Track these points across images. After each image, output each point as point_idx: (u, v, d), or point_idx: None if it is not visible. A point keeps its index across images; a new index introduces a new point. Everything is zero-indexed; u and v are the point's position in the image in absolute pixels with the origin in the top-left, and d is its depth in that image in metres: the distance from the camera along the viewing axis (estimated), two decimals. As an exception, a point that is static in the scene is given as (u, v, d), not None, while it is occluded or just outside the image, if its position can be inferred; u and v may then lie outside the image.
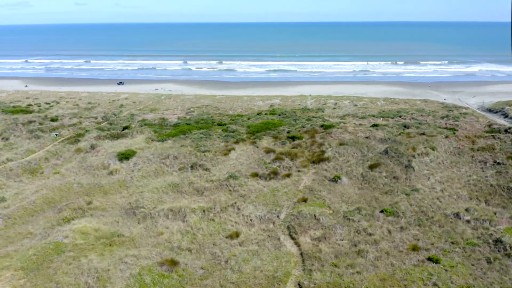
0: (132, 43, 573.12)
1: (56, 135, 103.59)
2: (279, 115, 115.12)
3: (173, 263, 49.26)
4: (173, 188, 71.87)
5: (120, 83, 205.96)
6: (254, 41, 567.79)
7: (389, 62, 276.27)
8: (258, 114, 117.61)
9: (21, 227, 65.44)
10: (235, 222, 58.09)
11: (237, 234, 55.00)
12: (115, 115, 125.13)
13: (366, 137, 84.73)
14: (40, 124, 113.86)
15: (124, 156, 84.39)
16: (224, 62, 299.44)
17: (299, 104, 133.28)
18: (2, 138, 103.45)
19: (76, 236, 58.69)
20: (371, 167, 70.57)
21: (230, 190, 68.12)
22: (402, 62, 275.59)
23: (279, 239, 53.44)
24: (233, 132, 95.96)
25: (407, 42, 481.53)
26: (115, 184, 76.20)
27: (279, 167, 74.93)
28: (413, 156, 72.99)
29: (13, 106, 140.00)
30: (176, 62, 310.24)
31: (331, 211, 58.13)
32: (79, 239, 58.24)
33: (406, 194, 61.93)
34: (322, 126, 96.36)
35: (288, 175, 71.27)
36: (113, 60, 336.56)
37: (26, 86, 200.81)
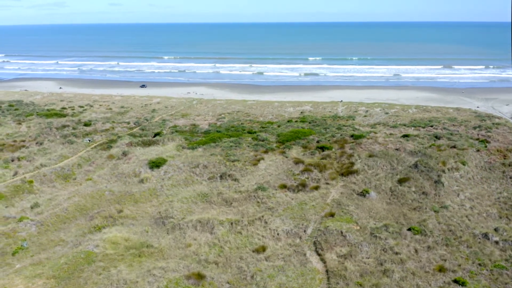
0: (164, 44, 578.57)
1: (89, 140, 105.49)
2: (310, 122, 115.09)
3: (200, 276, 49.94)
4: (202, 198, 72.65)
5: (143, 86, 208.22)
6: (286, 43, 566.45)
7: (422, 66, 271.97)
8: (288, 121, 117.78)
9: (53, 234, 67.06)
10: (262, 236, 58.54)
11: (263, 248, 55.44)
12: (147, 120, 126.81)
13: (396, 149, 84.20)
14: (74, 128, 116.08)
15: (155, 164, 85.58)
16: (255, 64, 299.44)
17: (330, 111, 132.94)
18: (37, 143, 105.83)
19: (106, 246, 59.89)
20: (400, 181, 70.20)
21: (258, 202, 68.57)
22: (435, 67, 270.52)
23: (305, 254, 53.71)
24: (263, 140, 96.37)
25: (441, 45, 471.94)
26: (145, 192, 77.36)
27: (308, 178, 75.10)
28: (443, 171, 72.26)
29: (48, 110, 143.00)
30: (207, 65, 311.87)
31: (358, 227, 58.13)
32: (109, 248, 59.42)
33: (435, 211, 61.47)
34: (352, 136, 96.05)
35: (316, 188, 71.40)
36: (145, 62, 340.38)
37: (60, 88, 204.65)
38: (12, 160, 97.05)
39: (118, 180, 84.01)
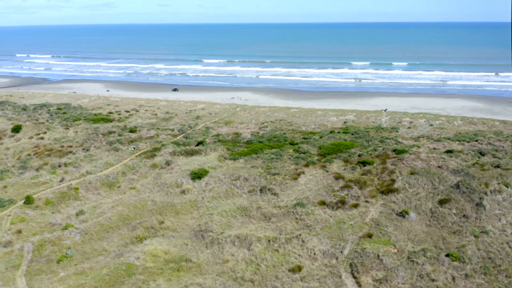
0: (210, 46, 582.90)
1: (134, 148, 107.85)
2: (352, 134, 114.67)
3: (236, 295, 50.72)
4: (241, 212, 73.47)
5: (175, 89, 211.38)
6: (331, 45, 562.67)
7: (470, 73, 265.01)
8: (331, 132, 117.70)
9: (96, 243, 69.09)
10: (299, 255, 58.91)
11: (299, 268, 55.83)
12: (191, 127, 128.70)
13: (439, 167, 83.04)
14: (120, 135, 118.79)
15: (197, 176, 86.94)
16: (299, 69, 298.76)
17: (373, 122, 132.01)
18: (83, 149, 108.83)
19: (147, 259, 61.38)
20: (441, 202, 69.28)
21: (296, 219, 68.92)
22: (483, 73, 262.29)
23: (340, 276, 53.84)
24: (304, 153, 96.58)
25: (488, 48, 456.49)
26: (186, 204, 78.73)
27: (347, 195, 75.00)
28: (485, 193, 70.86)
29: (95, 114, 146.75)
30: (252, 68, 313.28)
31: (395, 250, 57.81)
32: (149, 261, 60.88)
33: (475, 236, 60.51)
34: (394, 150, 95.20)
35: (356, 206, 71.21)
36: (190, 65, 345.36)
37: (107, 90, 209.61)
38: (59, 166, 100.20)
39: (160, 190, 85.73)
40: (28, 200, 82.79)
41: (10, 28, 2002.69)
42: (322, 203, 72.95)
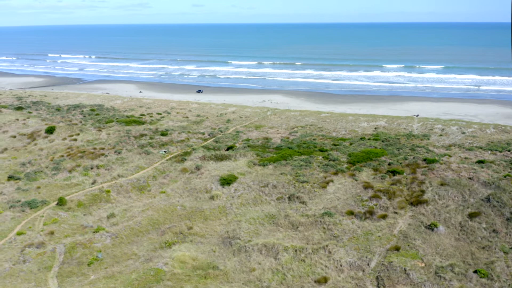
0: (242, 46, 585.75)
1: (164, 152, 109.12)
2: (383, 141, 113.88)
3: (262, 306, 51.11)
4: (269, 220, 73.87)
5: (199, 91, 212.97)
6: (364, 46, 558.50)
7: (505, 77, 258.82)
8: (361, 138, 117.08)
9: (126, 247, 70.31)
10: (325, 266, 59.05)
11: (325, 280, 56.00)
12: (221, 131, 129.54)
13: (470, 178, 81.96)
14: (151, 138, 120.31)
15: (226, 182, 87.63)
16: (331, 72, 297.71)
17: (405, 128, 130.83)
18: (115, 151, 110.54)
19: (175, 265, 62.28)
20: (471, 215, 68.47)
21: (324, 228, 69.02)
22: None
23: (367, 290, 53.79)
24: (333, 160, 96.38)
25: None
26: (215, 210, 79.45)
27: (376, 206, 74.67)
28: (517, 207, 69.97)
29: (127, 116, 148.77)
30: (284, 71, 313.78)
31: (423, 265, 57.47)
32: (177, 268, 61.75)
33: (504, 252, 59.72)
34: (425, 160, 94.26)
35: (384, 217, 70.85)
36: (221, 66, 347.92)
37: (140, 92, 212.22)
38: (91, 168, 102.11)
39: (190, 195, 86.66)
40: (61, 202, 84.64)
41: (46, 27, 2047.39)
42: (350, 213, 72.82)
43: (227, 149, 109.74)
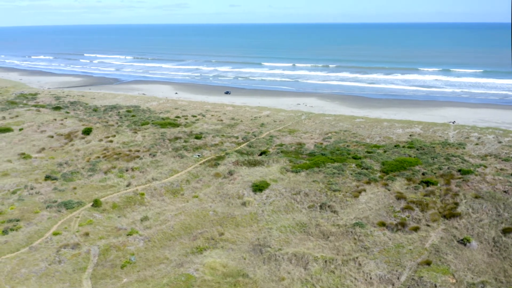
0: (277, 48, 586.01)
1: (198, 155, 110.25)
2: (417, 149, 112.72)
3: (290, 318, 51.42)
4: (300, 228, 74.10)
5: (227, 93, 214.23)
6: (401, 48, 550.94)
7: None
8: (395, 146, 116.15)
9: (159, 251, 71.47)
10: (355, 278, 59.03)
11: (355, 293, 55.93)
12: (255, 135, 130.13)
13: (505, 191, 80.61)
14: (185, 141, 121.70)
15: (258, 188, 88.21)
16: (366, 75, 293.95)
17: (440, 136, 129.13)
18: (150, 154, 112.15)
19: (205, 271, 63.11)
20: (505, 231, 67.34)
21: (355, 239, 68.92)
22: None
23: (396, 305, 53.61)
24: (367, 169, 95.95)
25: None
26: (246, 216, 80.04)
27: (408, 217, 74.17)
28: (553, 224, 68.64)
29: (162, 118, 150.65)
30: (319, 73, 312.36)
31: (454, 281, 56.95)
32: (208, 274, 62.55)
33: (539, 271, 58.81)
34: (459, 170, 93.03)
35: (416, 229, 70.31)
36: (256, 68, 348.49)
37: (176, 93, 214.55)
38: (127, 170, 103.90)
39: (222, 200, 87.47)
40: (96, 203, 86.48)
41: (84, 26, 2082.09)
42: (382, 224, 72.51)
43: (260, 154, 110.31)
